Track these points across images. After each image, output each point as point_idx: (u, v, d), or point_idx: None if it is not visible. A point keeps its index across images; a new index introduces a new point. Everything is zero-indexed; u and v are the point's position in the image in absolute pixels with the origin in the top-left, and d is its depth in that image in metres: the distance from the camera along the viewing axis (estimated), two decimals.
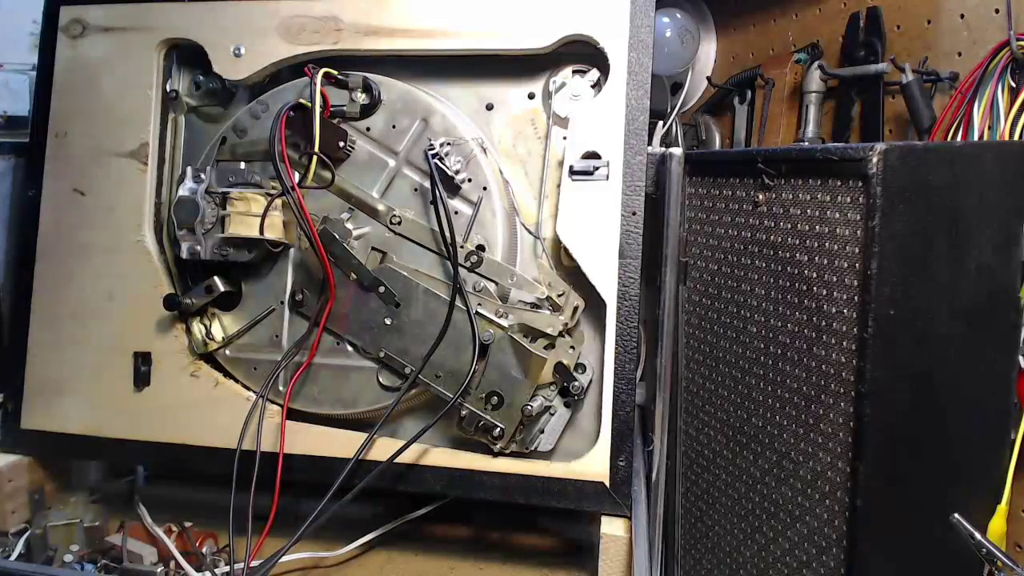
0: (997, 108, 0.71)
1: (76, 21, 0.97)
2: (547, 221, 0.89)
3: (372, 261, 0.90)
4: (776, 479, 0.68)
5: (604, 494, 0.83)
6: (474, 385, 0.86)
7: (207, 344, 0.93)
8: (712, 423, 0.77)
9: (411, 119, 0.90)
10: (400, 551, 0.94)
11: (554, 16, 0.86)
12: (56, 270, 0.97)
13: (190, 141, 0.99)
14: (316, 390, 0.92)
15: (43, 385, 0.96)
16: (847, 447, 0.61)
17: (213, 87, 0.98)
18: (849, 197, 0.59)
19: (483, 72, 0.92)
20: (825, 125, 1.01)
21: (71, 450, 0.96)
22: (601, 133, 0.85)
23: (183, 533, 0.90)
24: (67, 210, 0.96)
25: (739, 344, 0.73)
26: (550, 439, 0.87)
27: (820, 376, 0.63)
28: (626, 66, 0.84)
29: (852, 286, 0.59)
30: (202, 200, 0.90)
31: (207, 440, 0.91)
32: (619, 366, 0.83)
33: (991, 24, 0.77)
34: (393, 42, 0.89)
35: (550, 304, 0.87)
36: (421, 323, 0.88)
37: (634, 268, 0.83)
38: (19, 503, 0.95)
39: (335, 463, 0.87)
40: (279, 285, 0.93)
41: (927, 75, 0.83)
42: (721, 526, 0.77)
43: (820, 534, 0.64)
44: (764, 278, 0.69)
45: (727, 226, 0.74)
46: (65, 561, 0.86)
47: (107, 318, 0.95)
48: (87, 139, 0.96)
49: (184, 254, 0.91)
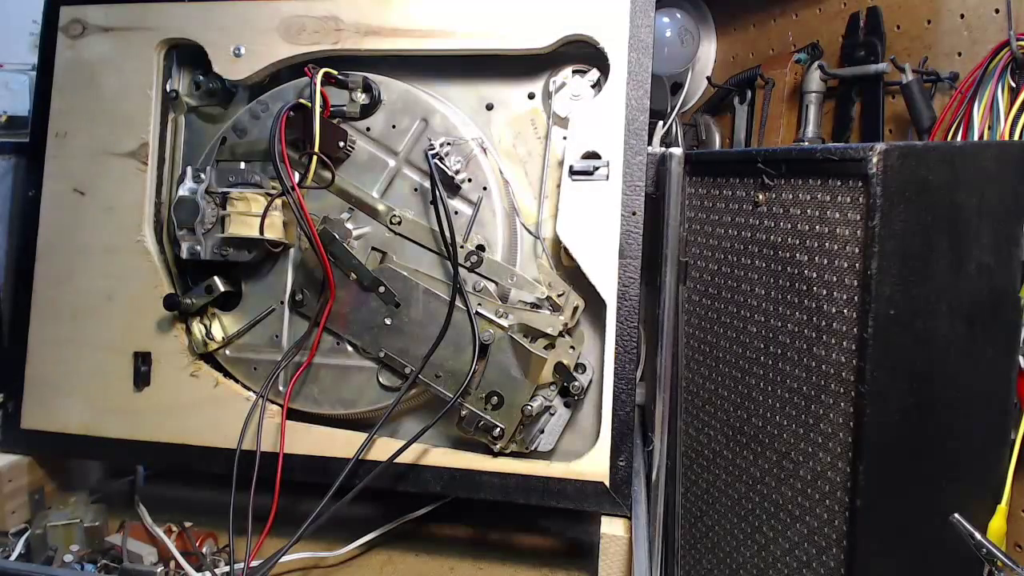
0: (997, 108, 0.71)
1: (76, 21, 0.97)
2: (547, 221, 0.89)
3: (372, 261, 0.90)
4: (776, 479, 0.68)
5: (604, 494, 0.83)
6: (474, 385, 0.86)
7: (207, 344, 0.93)
8: (712, 423, 0.77)
9: (411, 119, 0.90)
10: (400, 551, 0.94)
11: (554, 16, 0.86)
12: (56, 270, 0.97)
13: (190, 141, 0.99)
14: (316, 390, 0.92)
15: (43, 385, 0.96)
16: (847, 447, 0.61)
17: (213, 87, 0.98)
18: (849, 197, 0.59)
19: (483, 72, 0.92)
20: (825, 125, 1.01)
21: (71, 450, 0.96)
22: (601, 133, 0.85)
23: (183, 533, 0.90)
24: (67, 210, 0.96)
25: (739, 344, 0.73)
26: (550, 439, 0.87)
27: (820, 376, 0.63)
28: (626, 66, 0.84)
29: (852, 286, 0.59)
30: (202, 200, 0.90)
31: (207, 440, 0.92)
32: (619, 366, 0.83)
33: (991, 24, 0.77)
34: (393, 42, 0.90)
35: (550, 304, 0.87)
36: (421, 323, 0.88)
37: (634, 268, 0.83)
38: (19, 503, 0.95)
39: (335, 463, 0.87)
40: (279, 285, 0.93)
41: (927, 75, 0.83)
42: (721, 526, 0.77)
43: (820, 534, 0.64)
44: (764, 278, 0.69)
45: (727, 226, 0.74)
46: (65, 561, 0.85)
47: (107, 318, 0.95)
48: (87, 139, 0.96)
49: (184, 254, 0.91)
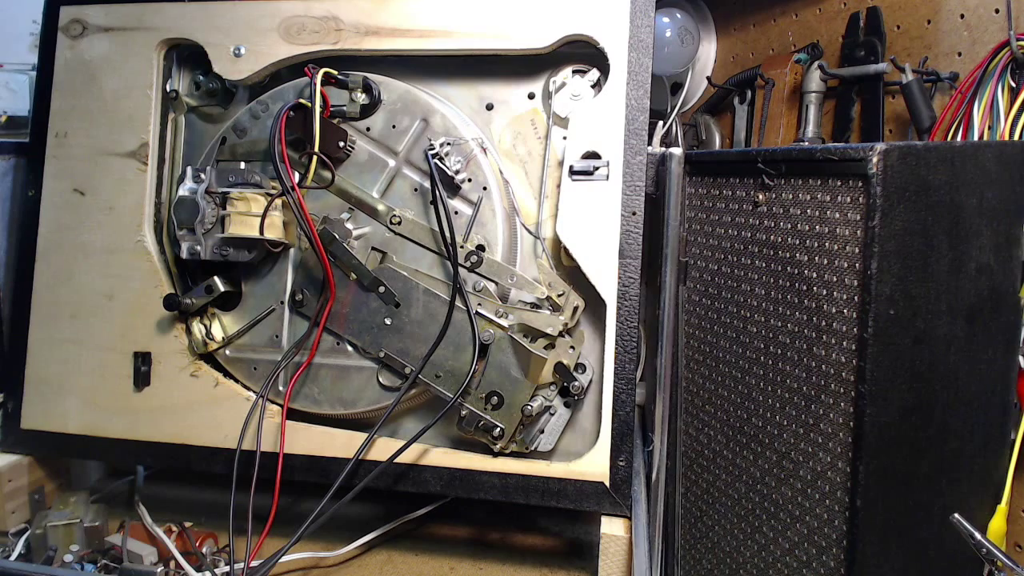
0: (997, 108, 0.71)
1: (76, 21, 0.97)
2: (547, 221, 0.89)
3: (372, 261, 0.90)
4: (776, 479, 0.68)
5: (604, 494, 0.83)
6: (474, 385, 0.86)
7: (207, 344, 0.93)
8: (712, 423, 0.77)
9: (411, 119, 0.90)
10: (400, 551, 0.94)
11: (554, 16, 0.86)
12: (56, 270, 0.97)
13: (190, 141, 0.99)
14: (316, 390, 0.92)
15: (43, 385, 0.96)
16: (847, 447, 0.61)
17: (213, 87, 0.98)
18: (849, 197, 0.59)
19: (483, 72, 0.92)
20: (825, 125, 1.01)
21: (71, 450, 0.96)
22: (601, 133, 0.85)
23: (183, 533, 0.90)
24: (67, 210, 0.97)
25: (739, 344, 0.73)
26: (550, 439, 0.87)
27: (820, 376, 0.63)
28: (626, 66, 0.84)
29: (852, 286, 0.59)
30: (202, 200, 0.90)
31: (207, 440, 0.92)
32: (619, 366, 0.83)
33: (991, 24, 0.77)
34: (393, 42, 0.90)
35: (550, 304, 0.87)
36: (421, 323, 0.88)
37: (634, 268, 0.83)
38: (19, 503, 0.95)
39: (335, 463, 0.87)
40: (279, 285, 0.93)
41: (927, 75, 0.83)
42: (721, 526, 0.77)
43: (820, 534, 0.64)
44: (764, 278, 0.69)
45: (727, 226, 0.74)
46: (65, 561, 0.85)
47: (107, 318, 0.95)
48: (87, 139, 0.96)
49: (184, 254, 0.91)
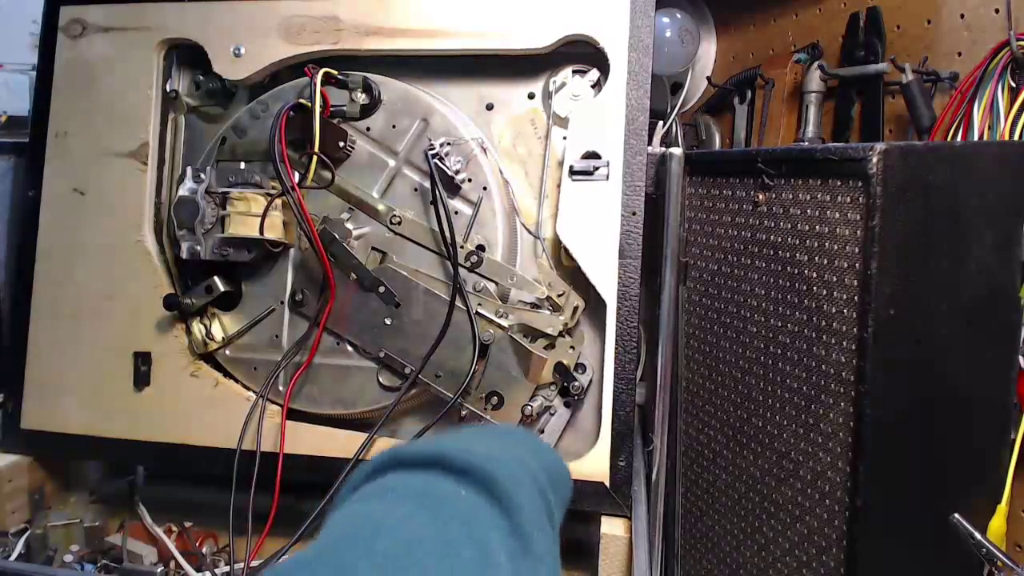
0: (997, 108, 0.71)
1: (76, 21, 0.97)
2: (547, 221, 0.89)
3: (372, 261, 0.90)
4: (776, 479, 0.68)
5: (604, 494, 0.83)
6: (474, 385, 0.86)
7: (207, 344, 0.93)
8: (712, 423, 0.77)
9: (411, 119, 0.90)
10: None
11: (554, 16, 0.86)
12: (56, 270, 0.96)
13: (190, 141, 0.99)
14: (316, 390, 0.92)
15: (43, 385, 0.96)
16: (847, 447, 0.61)
17: (213, 87, 0.98)
18: (849, 197, 0.59)
19: (483, 72, 0.92)
20: (825, 125, 1.01)
21: (71, 450, 0.96)
22: (601, 133, 0.85)
23: (183, 533, 0.90)
24: (67, 210, 0.96)
25: (739, 344, 0.73)
26: (550, 439, 0.87)
27: (820, 376, 0.63)
28: (626, 66, 0.84)
29: (852, 286, 0.59)
30: (202, 200, 0.90)
31: (207, 440, 0.91)
32: (619, 366, 0.83)
33: (991, 24, 0.77)
34: (393, 42, 0.89)
35: (550, 304, 0.87)
36: (421, 323, 0.88)
37: (634, 268, 0.83)
38: (19, 503, 0.95)
39: (335, 463, 0.87)
40: (279, 285, 0.93)
41: (927, 75, 0.83)
42: (721, 526, 0.77)
43: (820, 534, 0.64)
44: (764, 278, 0.69)
45: (727, 226, 0.74)
46: (65, 561, 0.86)
47: (107, 318, 0.95)
48: (87, 139, 0.96)
49: (184, 254, 0.91)
